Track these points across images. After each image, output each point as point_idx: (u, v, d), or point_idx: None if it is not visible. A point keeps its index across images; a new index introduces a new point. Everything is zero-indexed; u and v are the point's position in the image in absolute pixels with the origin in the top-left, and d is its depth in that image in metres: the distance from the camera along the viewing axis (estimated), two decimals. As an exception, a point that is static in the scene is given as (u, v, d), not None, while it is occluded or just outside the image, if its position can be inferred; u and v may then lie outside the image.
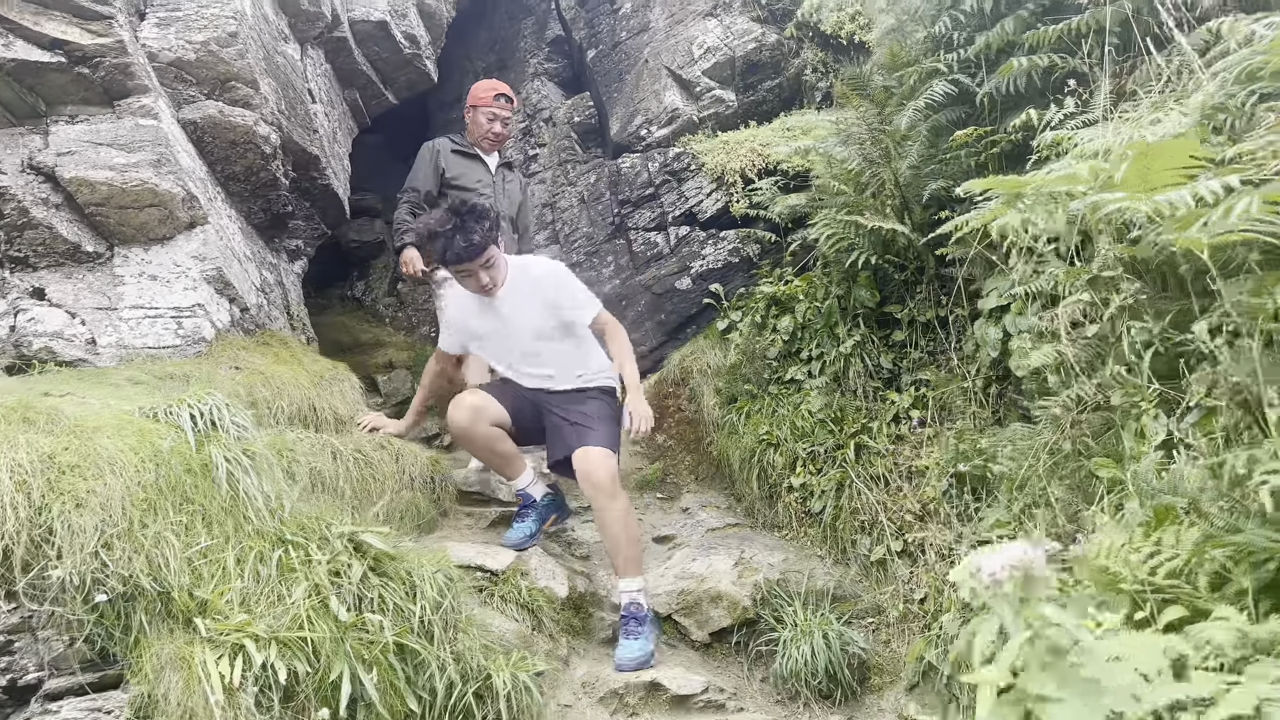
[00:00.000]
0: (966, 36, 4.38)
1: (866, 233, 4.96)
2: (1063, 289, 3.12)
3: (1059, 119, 3.45)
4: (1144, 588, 1.90)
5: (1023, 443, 3.71)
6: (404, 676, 3.12)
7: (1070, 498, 3.20)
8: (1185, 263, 2.21)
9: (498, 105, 5.50)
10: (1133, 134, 2.71)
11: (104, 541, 2.77)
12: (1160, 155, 1.76)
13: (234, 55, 5.15)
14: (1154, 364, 2.61)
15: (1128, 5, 3.35)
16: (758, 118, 7.40)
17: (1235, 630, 1.44)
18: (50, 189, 4.55)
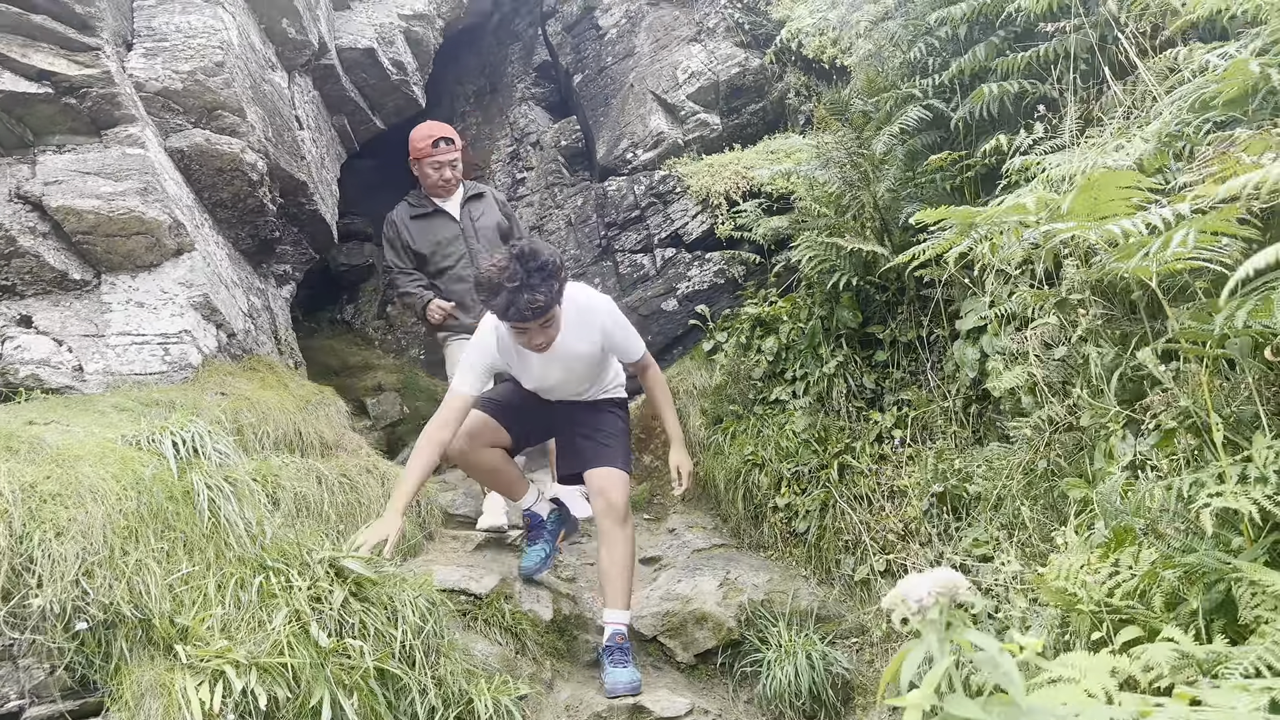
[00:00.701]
0: (941, 62, 4.45)
1: (847, 254, 5.02)
2: (1032, 311, 3.18)
3: (1028, 144, 3.51)
4: (1101, 608, 1.94)
5: (999, 463, 3.76)
6: (385, 702, 3.13)
7: (1044, 517, 3.23)
8: (1138, 289, 2.26)
9: (439, 153, 5.20)
10: (1097, 160, 2.77)
11: (85, 569, 2.80)
12: (1106, 186, 1.81)
13: (221, 84, 5.21)
14: (1119, 386, 2.65)
15: (1092, 34, 3.42)
16: (742, 141, 7.48)
17: (1176, 651, 1.48)
18: (38, 218, 4.59)
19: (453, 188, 5.27)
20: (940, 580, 1.02)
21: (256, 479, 3.71)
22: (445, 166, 5.18)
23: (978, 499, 3.84)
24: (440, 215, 5.26)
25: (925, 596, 1.02)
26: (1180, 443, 2.25)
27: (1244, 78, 2.20)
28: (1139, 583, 1.92)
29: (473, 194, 5.38)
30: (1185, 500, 1.89)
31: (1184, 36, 3.04)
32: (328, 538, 3.69)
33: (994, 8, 4.03)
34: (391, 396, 8.12)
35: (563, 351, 3.82)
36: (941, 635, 1.03)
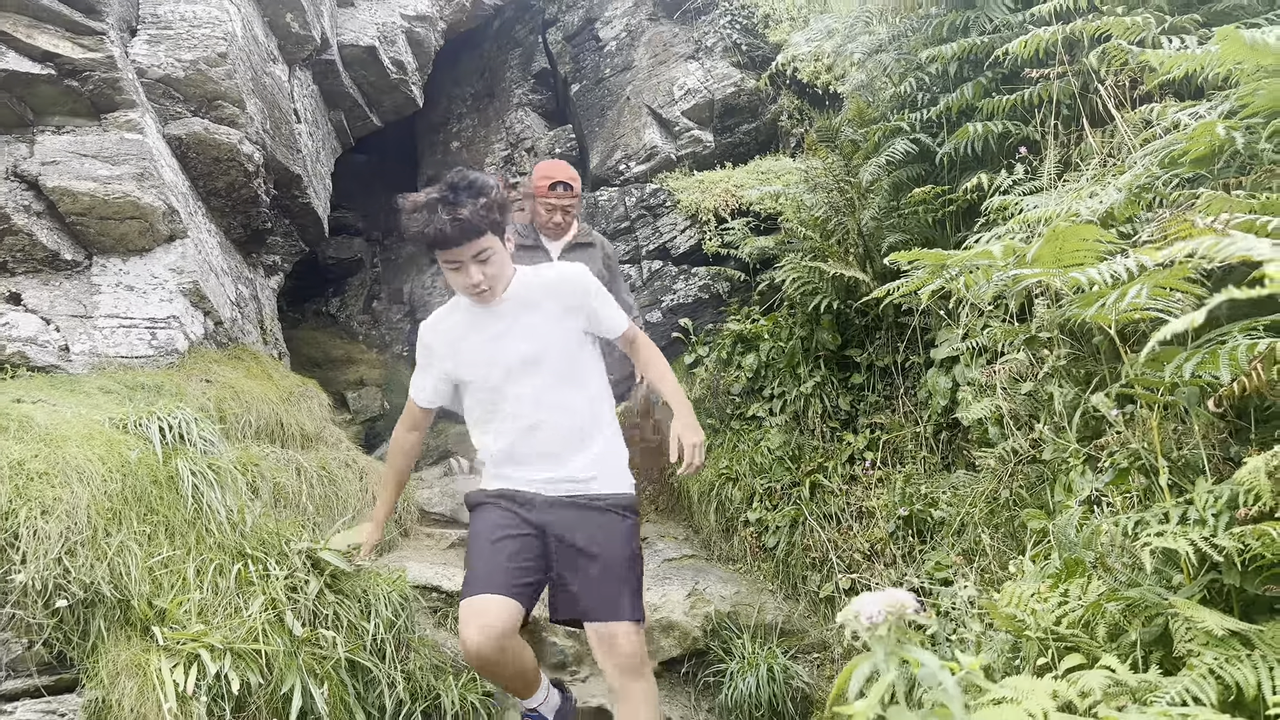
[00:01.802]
0: (930, 98, 4.57)
1: (830, 278, 5.13)
2: (1002, 346, 3.29)
3: (1009, 184, 3.63)
4: (1048, 636, 2.04)
5: (964, 490, 3.87)
6: (354, 692, 3.21)
7: (1003, 545, 3.34)
8: (1099, 333, 2.37)
9: (554, 196, 4.84)
10: (1072, 204, 2.88)
11: (68, 548, 2.85)
12: (1071, 237, 1.92)
13: (222, 75, 5.27)
14: (1081, 423, 2.76)
15: (1075, 82, 3.54)
16: (734, 159, 7.59)
17: (1110, 679, 1.58)
18: (33, 197, 4.63)
19: (561, 232, 4.96)
20: (891, 599, 1.12)
21: (239, 467, 3.77)
22: (558, 210, 4.90)
23: (942, 524, 3.95)
24: (540, 252, 4.95)
25: (876, 614, 1.12)
26: (1133, 482, 2.36)
27: (1211, 138, 2.32)
28: (1084, 613, 2.03)
29: (581, 242, 5.00)
30: (1131, 537, 2.00)
31: (1160, 91, 3.17)
32: (305, 529, 3.75)
33: (983, 49, 4.15)
34: (373, 391, 8.18)
35: (522, 312, 3.06)
36: (889, 650, 1.12)
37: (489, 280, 2.96)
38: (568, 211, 4.89)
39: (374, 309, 9.50)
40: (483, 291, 2.97)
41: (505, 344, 3.02)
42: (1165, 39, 3.15)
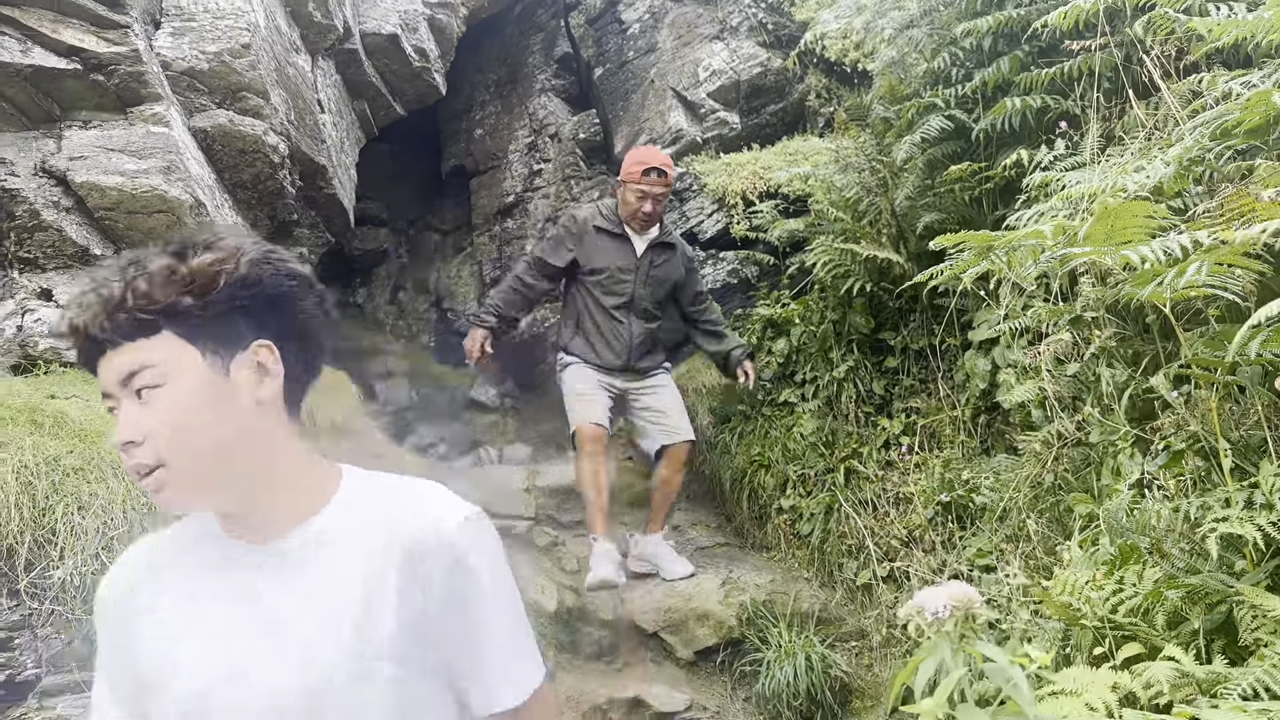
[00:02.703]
0: (965, 73, 4.47)
1: (863, 260, 5.04)
2: (1046, 326, 3.21)
3: (1049, 160, 3.54)
4: (1104, 624, 1.98)
5: (1006, 474, 3.79)
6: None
7: (1049, 531, 3.27)
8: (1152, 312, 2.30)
9: (647, 182, 4.65)
10: (1117, 179, 2.80)
11: (105, 543, 2.85)
12: (1123, 214, 1.85)
13: (246, 66, 5.25)
14: (1129, 405, 2.69)
15: (1117, 54, 3.44)
16: (760, 141, 7.49)
17: (1177, 670, 1.52)
18: (62, 192, 4.64)
19: (650, 223, 4.82)
20: (956, 593, 1.06)
21: (272, 460, 3.75)
22: (649, 199, 4.69)
23: (983, 509, 3.87)
24: (624, 242, 4.84)
25: (941, 609, 1.07)
26: (1188, 465, 2.29)
27: (1266, 108, 2.23)
28: (1142, 600, 1.96)
29: (664, 240, 4.97)
30: (1191, 523, 1.93)
31: (1208, 61, 3.07)
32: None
33: (1020, 22, 4.05)
34: (400, 382, 8.18)
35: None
36: (955, 646, 1.07)
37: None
38: (659, 200, 4.75)
39: (400, 300, 9.49)
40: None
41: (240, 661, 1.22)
42: (1213, 6, 3.04)
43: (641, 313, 4.86)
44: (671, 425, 4.88)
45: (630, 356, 4.85)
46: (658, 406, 4.93)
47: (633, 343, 4.83)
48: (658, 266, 4.91)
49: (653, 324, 4.95)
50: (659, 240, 4.91)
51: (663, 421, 4.89)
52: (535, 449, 7.28)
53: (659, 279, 4.93)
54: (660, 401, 4.94)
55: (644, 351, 4.91)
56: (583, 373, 4.80)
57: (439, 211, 9.92)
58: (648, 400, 4.94)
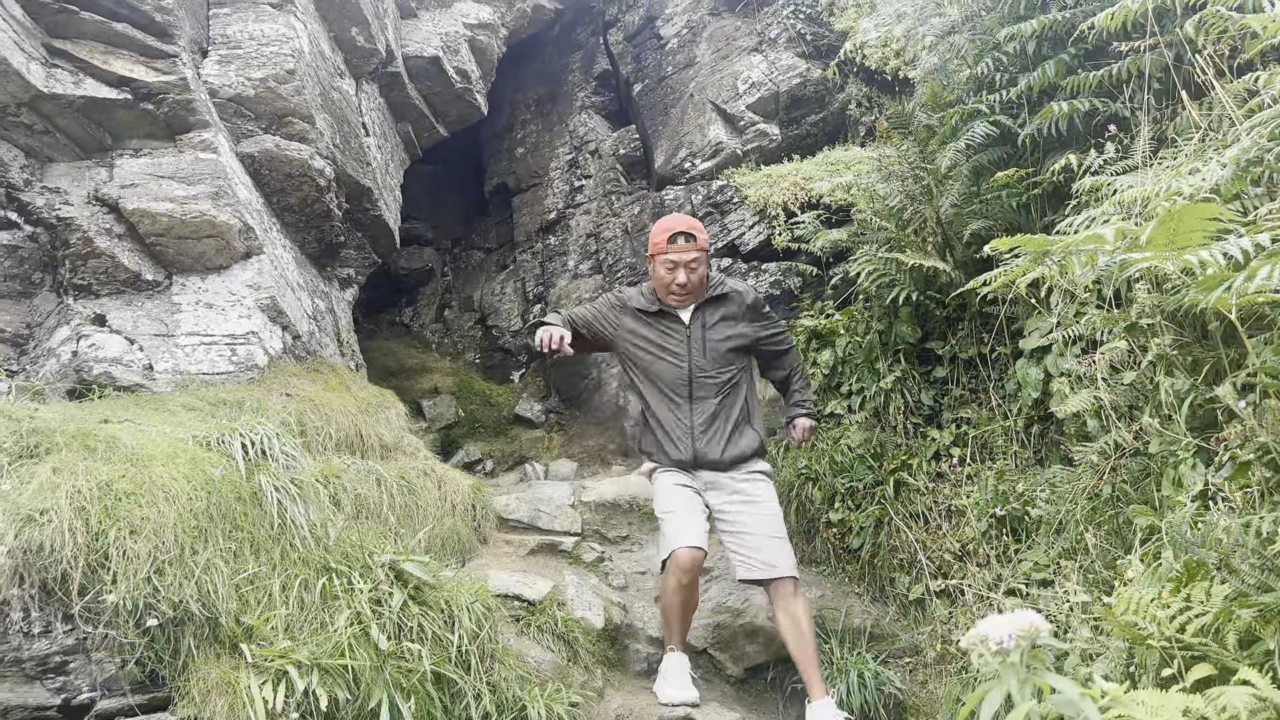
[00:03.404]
0: (1009, 78, 4.40)
1: (908, 269, 4.97)
2: (1100, 334, 3.13)
3: (1099, 164, 3.46)
4: (1172, 644, 1.91)
5: (1062, 486, 3.70)
6: (441, 706, 3.18)
7: (1107, 544, 3.18)
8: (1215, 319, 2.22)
9: (675, 250, 4.01)
10: (1171, 183, 2.72)
11: (156, 567, 2.88)
12: (1187, 217, 1.79)
13: (291, 91, 5.32)
14: (1191, 414, 2.60)
15: (1167, 54, 3.36)
16: (801, 151, 7.45)
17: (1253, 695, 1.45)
18: (114, 219, 4.73)
19: (687, 295, 4.09)
20: (1021, 623, 1.02)
21: (320, 480, 3.78)
22: (680, 268, 4.02)
23: (1039, 522, 3.78)
24: (666, 318, 4.14)
25: (1006, 639, 1.02)
26: (1255, 476, 2.21)
27: (1330, 104, 2.15)
28: (1212, 619, 1.89)
29: (714, 296, 4.16)
30: (1263, 538, 1.85)
31: (1263, 59, 2.98)
32: (388, 539, 3.75)
33: (1065, 24, 3.98)
34: (447, 399, 8.23)
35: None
36: (1022, 678, 1.02)
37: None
38: (693, 269, 4.03)
39: (446, 318, 9.57)
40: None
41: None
42: (1267, 1, 2.96)
43: (705, 388, 4.04)
44: (756, 555, 3.90)
45: (697, 445, 4.01)
46: (742, 526, 3.97)
47: (695, 429, 4.02)
48: (713, 326, 4.11)
49: (723, 400, 4.07)
50: (709, 297, 4.15)
51: (745, 548, 3.94)
52: (581, 464, 7.27)
53: (719, 341, 4.09)
54: (746, 518, 3.97)
55: (716, 437, 4.03)
56: (664, 480, 4.09)
57: (482, 230, 10.00)
58: (732, 514, 4.01)
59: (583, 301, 8.13)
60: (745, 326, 4.17)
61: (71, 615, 2.77)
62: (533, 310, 8.72)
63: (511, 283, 9.25)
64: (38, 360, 4.54)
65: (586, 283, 8.29)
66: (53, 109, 4.49)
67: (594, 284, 8.22)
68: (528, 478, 7.07)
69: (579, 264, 8.48)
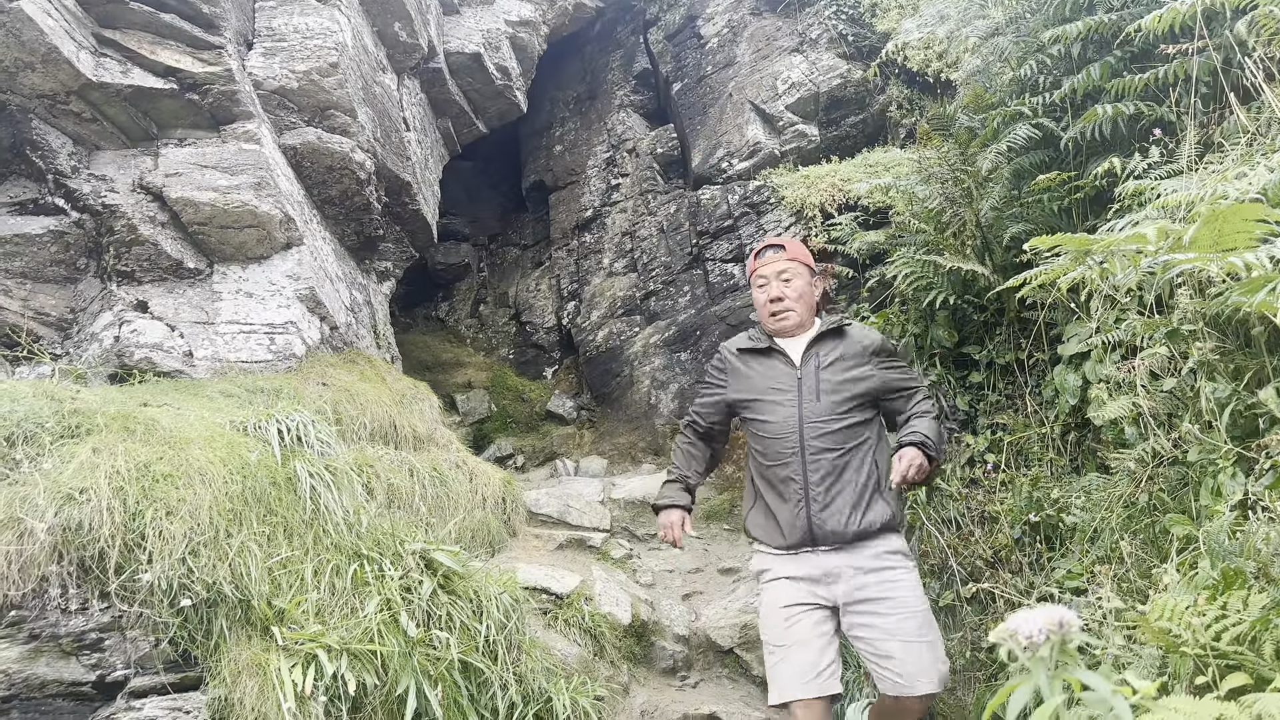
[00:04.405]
0: (1053, 81, 4.35)
1: (946, 273, 4.93)
2: (1141, 340, 3.08)
3: (1143, 168, 3.41)
4: (1207, 652, 1.88)
5: (1098, 494, 3.65)
6: (468, 694, 3.20)
7: (1143, 553, 3.13)
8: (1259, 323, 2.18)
9: (762, 264, 3.40)
10: (1217, 187, 2.68)
11: (191, 549, 2.92)
12: (1232, 218, 1.75)
13: (334, 85, 5.38)
14: (1231, 422, 2.56)
15: (1216, 57, 3.30)
16: (840, 153, 7.41)
17: (1290, 703, 1.43)
18: (158, 208, 4.80)
19: (788, 323, 3.33)
20: (1052, 617, 1.01)
21: (354, 469, 3.81)
22: (771, 282, 3.34)
23: (1073, 530, 3.73)
24: (774, 356, 3.36)
25: (1036, 633, 1.01)
26: (1296, 485, 2.17)
27: (1383, 108, 2.11)
28: (1249, 628, 1.86)
29: (827, 329, 3.34)
30: (1304, 546, 1.82)
31: (1317, 62, 2.93)
32: (419, 529, 3.78)
33: (1111, 27, 3.93)
34: (480, 394, 8.27)
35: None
36: (1051, 673, 1.01)
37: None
38: (785, 280, 3.33)
39: (481, 313, 9.62)
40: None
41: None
42: (1321, 4, 2.90)
43: (821, 439, 3.14)
44: (890, 667, 3.00)
45: (813, 512, 3.09)
46: (871, 630, 3.04)
47: (810, 488, 3.10)
48: (828, 366, 3.25)
49: (843, 455, 3.15)
50: (822, 330, 3.34)
51: (876, 655, 3.03)
52: (611, 462, 7.28)
53: (836, 383, 3.22)
54: (876, 619, 3.03)
55: (836, 503, 3.10)
56: (772, 598, 3.17)
57: (518, 226, 10.05)
58: (859, 613, 3.07)
59: (616, 302, 8.15)
60: (869, 369, 3.26)
61: (108, 593, 2.81)
62: (566, 307, 8.73)
63: (546, 279, 9.28)
64: (81, 344, 4.62)
65: (621, 281, 8.30)
66: (101, 97, 4.57)
67: (628, 282, 8.22)
68: (558, 474, 7.10)
69: (614, 262, 8.50)
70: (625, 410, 7.83)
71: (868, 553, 3.10)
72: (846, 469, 3.13)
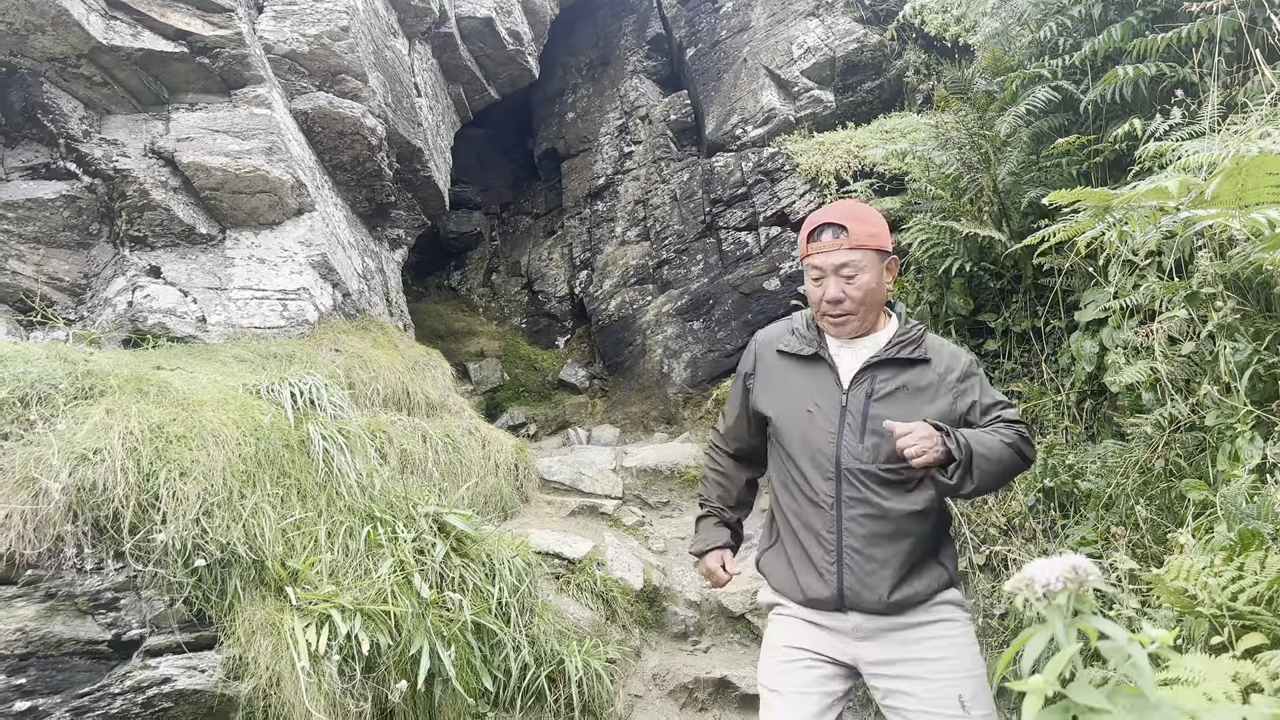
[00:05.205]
0: (1072, 43, 4.28)
1: (962, 239, 4.89)
2: (1160, 304, 3.05)
3: (1164, 129, 3.35)
4: (1223, 612, 1.86)
5: (1113, 460, 3.63)
6: (481, 655, 3.22)
7: (1158, 518, 3.11)
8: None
9: (817, 250, 2.44)
10: (1240, 148, 2.63)
11: (205, 509, 2.93)
12: (1256, 171, 1.72)
13: (345, 49, 5.34)
14: (1251, 385, 2.53)
15: (1241, 15, 3.24)
16: (856, 119, 7.33)
17: (1309, 660, 1.41)
18: (169, 173, 4.79)
19: (847, 329, 2.46)
20: (1070, 565, 1.00)
21: (368, 433, 3.82)
22: (829, 277, 2.42)
23: (1088, 496, 3.71)
24: (819, 366, 2.50)
25: (1053, 581, 1.00)
26: (1317, 447, 2.14)
27: None
28: (1266, 589, 1.84)
29: (898, 352, 2.43)
30: (1324, 506, 1.80)
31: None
32: (432, 493, 3.79)
33: (1134, -14, 3.86)
34: (493, 363, 8.27)
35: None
36: (1068, 621, 1.00)
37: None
38: (848, 277, 2.39)
39: (493, 282, 9.61)
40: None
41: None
42: (1351, -40, 2.84)
43: (862, 486, 2.37)
44: None
45: (845, 576, 2.38)
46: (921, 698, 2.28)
47: (843, 547, 2.38)
48: (883, 398, 2.40)
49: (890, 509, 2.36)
50: (890, 353, 2.42)
51: None
52: (623, 430, 7.28)
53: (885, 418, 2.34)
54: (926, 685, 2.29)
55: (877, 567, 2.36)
56: (776, 633, 2.51)
57: (530, 195, 10.00)
58: (904, 679, 2.34)
59: (629, 271, 8.11)
60: (942, 403, 2.37)
61: (122, 553, 2.83)
62: (579, 276, 8.70)
63: (559, 248, 9.25)
64: (95, 309, 4.64)
65: (633, 249, 8.26)
66: (111, 61, 4.54)
67: (641, 251, 8.18)
68: (570, 442, 7.10)
69: (626, 230, 8.46)
70: (638, 379, 7.82)
71: (910, 612, 2.36)
72: (894, 526, 2.33)
